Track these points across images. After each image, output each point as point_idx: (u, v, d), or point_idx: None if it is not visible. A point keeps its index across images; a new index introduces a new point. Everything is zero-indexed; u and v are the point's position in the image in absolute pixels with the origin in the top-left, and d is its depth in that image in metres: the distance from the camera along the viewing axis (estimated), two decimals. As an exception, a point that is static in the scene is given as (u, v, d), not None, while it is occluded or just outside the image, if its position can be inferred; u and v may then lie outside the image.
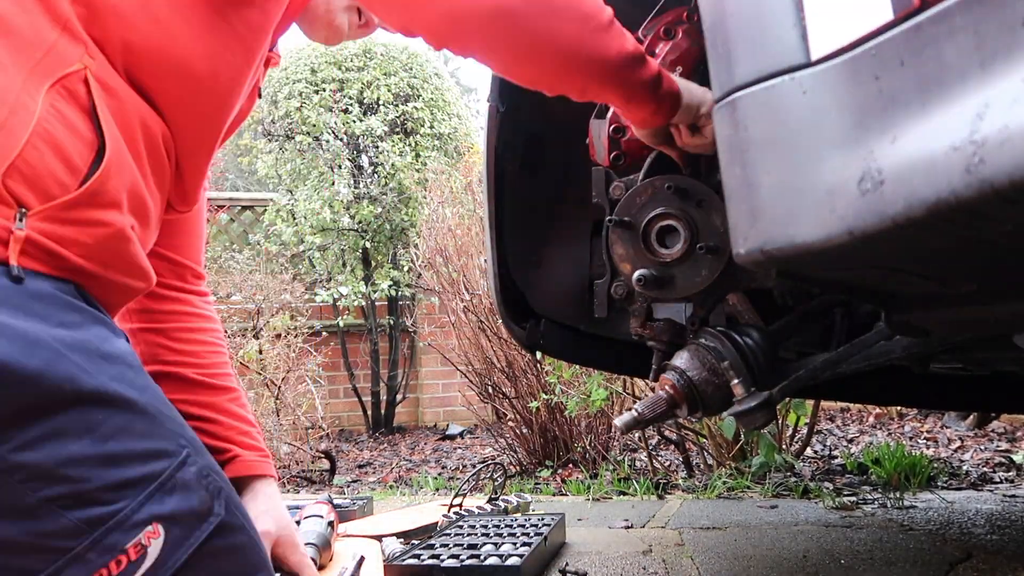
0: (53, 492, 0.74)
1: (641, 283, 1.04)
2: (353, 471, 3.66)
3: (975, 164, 0.49)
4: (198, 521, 0.83)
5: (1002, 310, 0.79)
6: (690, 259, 1.03)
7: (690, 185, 1.04)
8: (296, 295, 4.33)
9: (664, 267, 1.04)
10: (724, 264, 1.01)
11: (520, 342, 1.52)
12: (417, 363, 5.60)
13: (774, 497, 2.27)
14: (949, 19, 0.52)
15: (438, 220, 3.89)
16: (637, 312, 1.12)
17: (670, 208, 1.04)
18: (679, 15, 1.11)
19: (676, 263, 1.03)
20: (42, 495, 0.74)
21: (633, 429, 1.01)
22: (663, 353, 1.13)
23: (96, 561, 0.75)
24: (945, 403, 1.84)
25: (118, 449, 0.79)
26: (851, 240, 0.59)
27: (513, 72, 0.96)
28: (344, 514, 1.99)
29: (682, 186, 1.03)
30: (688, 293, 1.04)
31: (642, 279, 1.03)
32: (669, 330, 1.12)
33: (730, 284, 1.05)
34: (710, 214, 1.03)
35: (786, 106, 0.64)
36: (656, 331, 1.12)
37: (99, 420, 0.78)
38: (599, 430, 2.94)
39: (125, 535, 0.77)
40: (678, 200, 1.04)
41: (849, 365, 1.01)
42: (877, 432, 3.62)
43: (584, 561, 1.59)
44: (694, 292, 1.04)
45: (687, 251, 1.02)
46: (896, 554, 1.55)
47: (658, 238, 1.05)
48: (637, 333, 1.14)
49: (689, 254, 1.02)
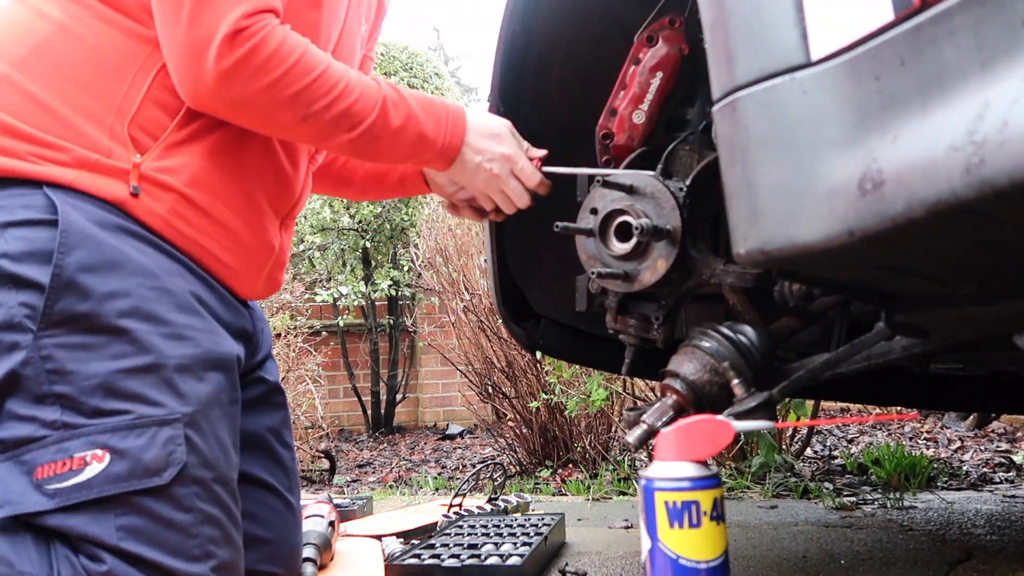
0: (60, 389, 0.91)
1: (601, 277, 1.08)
2: (353, 471, 3.66)
3: (975, 164, 0.49)
4: (140, 472, 0.91)
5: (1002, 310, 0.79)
6: (644, 250, 1.06)
7: (636, 180, 1.07)
8: (296, 295, 4.33)
9: (623, 261, 1.07)
10: (678, 252, 1.04)
11: (520, 342, 1.52)
12: (417, 363, 5.60)
13: (774, 497, 2.27)
14: (949, 19, 0.52)
15: (438, 220, 3.88)
16: (611, 306, 1.16)
17: (621, 204, 1.08)
18: (663, 22, 1.14)
19: (633, 256, 1.06)
20: (53, 388, 0.91)
21: (646, 443, 1.01)
22: (635, 347, 1.17)
23: (52, 455, 0.90)
24: (945, 403, 1.84)
25: (122, 384, 0.92)
26: (851, 240, 0.59)
27: None
28: (344, 514, 1.99)
29: (624, 182, 1.07)
30: (650, 283, 1.07)
31: (602, 274, 1.08)
32: (639, 324, 1.15)
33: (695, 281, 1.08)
34: (660, 205, 1.06)
35: (786, 106, 0.64)
36: (626, 326, 1.15)
37: (125, 355, 0.93)
38: (599, 430, 2.94)
39: (79, 446, 0.91)
40: (626, 195, 1.07)
41: (849, 365, 1.01)
42: (877, 432, 3.62)
43: (584, 561, 1.59)
44: (656, 282, 1.06)
45: (638, 244, 1.05)
46: (896, 554, 1.55)
47: (618, 235, 1.08)
48: (611, 327, 1.17)
49: (641, 246, 1.05)
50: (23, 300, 0.91)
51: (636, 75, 1.14)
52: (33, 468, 0.90)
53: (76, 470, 0.89)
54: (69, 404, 0.91)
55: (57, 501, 0.89)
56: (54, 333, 0.91)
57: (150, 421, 0.92)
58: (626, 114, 1.15)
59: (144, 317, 0.95)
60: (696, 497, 0.82)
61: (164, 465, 0.92)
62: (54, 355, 0.91)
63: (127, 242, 0.97)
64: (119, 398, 0.92)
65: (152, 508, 0.91)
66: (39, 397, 0.91)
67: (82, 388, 0.91)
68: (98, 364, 0.92)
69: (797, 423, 2.04)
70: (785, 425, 2.44)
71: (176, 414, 0.94)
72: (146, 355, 0.94)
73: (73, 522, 0.89)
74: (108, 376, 0.92)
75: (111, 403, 0.92)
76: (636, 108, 1.15)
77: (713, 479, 0.84)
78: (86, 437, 0.90)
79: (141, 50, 1.01)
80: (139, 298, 0.95)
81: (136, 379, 0.93)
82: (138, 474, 0.91)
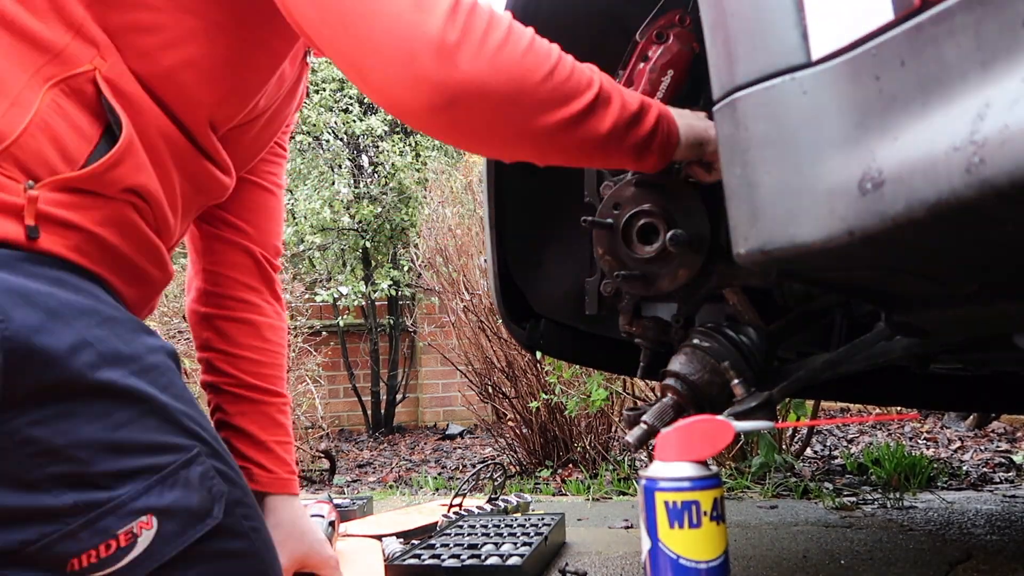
0: (58, 470, 0.78)
1: (621, 280, 1.05)
2: (353, 471, 3.66)
3: (975, 164, 0.49)
4: (194, 520, 0.85)
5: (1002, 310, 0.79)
6: (669, 256, 1.03)
7: (667, 182, 1.04)
8: (296, 295, 4.33)
9: (645, 264, 1.05)
10: (703, 260, 1.02)
11: (520, 342, 1.52)
12: (417, 363, 5.60)
13: (774, 497, 2.27)
14: (950, 19, 0.52)
15: (438, 220, 3.88)
16: (625, 309, 1.13)
17: (649, 206, 1.04)
18: (672, 18, 1.12)
19: (655, 260, 1.04)
20: (47, 471, 0.77)
21: (646, 442, 1.01)
22: (650, 351, 1.14)
23: (87, 541, 0.78)
24: (945, 403, 1.84)
25: (126, 438, 0.82)
26: (851, 240, 0.59)
27: (507, 156, 0.96)
28: (344, 514, 1.99)
29: (658, 183, 1.04)
30: (669, 289, 1.05)
31: (622, 276, 1.05)
32: (656, 328, 1.13)
33: (715, 282, 1.06)
34: (689, 211, 1.03)
35: (786, 106, 0.64)
36: (643, 329, 1.13)
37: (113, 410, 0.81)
38: (599, 430, 2.94)
39: (118, 521, 0.80)
40: (657, 198, 1.04)
41: (849, 365, 1.01)
42: (877, 432, 3.62)
43: (584, 561, 1.59)
44: (675, 289, 1.04)
45: (665, 248, 1.02)
46: (896, 554, 1.55)
47: (640, 236, 1.05)
48: (625, 331, 1.15)
49: (667, 251, 1.03)
50: None
51: (646, 72, 1.11)
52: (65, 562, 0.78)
53: (126, 547, 0.80)
54: (78, 482, 0.79)
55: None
56: (22, 412, 0.76)
57: (176, 467, 0.84)
58: None
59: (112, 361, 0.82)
60: (696, 497, 0.82)
61: (211, 503, 0.87)
62: (33, 436, 0.76)
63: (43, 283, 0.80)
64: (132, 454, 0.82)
65: (216, 548, 0.87)
66: (31, 485, 0.77)
67: (83, 460, 0.79)
68: (90, 428, 0.79)
69: (797, 423, 2.04)
70: (785, 425, 2.44)
71: (194, 449, 0.87)
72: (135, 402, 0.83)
73: None
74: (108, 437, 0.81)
75: (126, 462, 0.81)
76: None
77: (713, 479, 0.84)
78: (123, 508, 0.80)
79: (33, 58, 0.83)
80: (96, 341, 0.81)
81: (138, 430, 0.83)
82: (193, 523, 0.85)
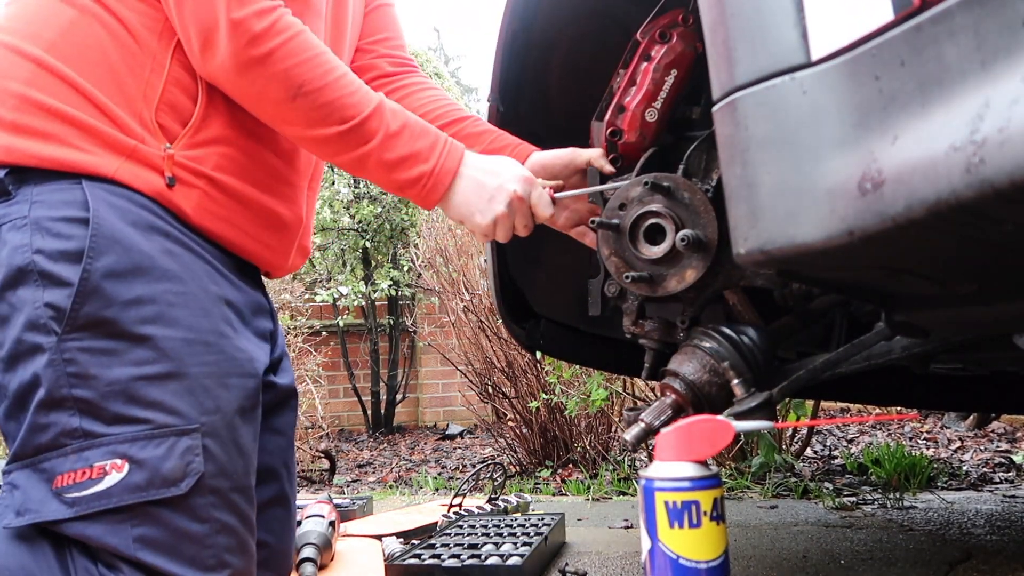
0: (81, 394, 0.91)
1: (629, 281, 1.04)
2: (353, 471, 3.66)
3: (975, 164, 0.49)
4: (158, 481, 0.91)
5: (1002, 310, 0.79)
6: (676, 257, 1.03)
7: (675, 183, 1.04)
8: (296, 294, 4.33)
9: (651, 265, 1.04)
10: (711, 262, 1.02)
11: (520, 342, 1.52)
12: (417, 363, 5.60)
13: (774, 497, 2.27)
14: (949, 19, 0.52)
15: (438, 220, 3.88)
16: (629, 310, 1.13)
17: (656, 207, 1.04)
18: (675, 18, 1.11)
19: (662, 261, 1.03)
20: (74, 392, 0.91)
21: (644, 441, 1.01)
22: (655, 352, 1.13)
23: (72, 463, 0.90)
24: (945, 403, 1.84)
25: (142, 390, 0.92)
26: (851, 240, 0.59)
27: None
28: (344, 514, 1.99)
29: (665, 184, 1.04)
30: (676, 290, 1.04)
31: (630, 277, 1.04)
32: (661, 328, 1.12)
33: (721, 282, 1.05)
34: (697, 212, 1.03)
35: (786, 106, 0.64)
36: (648, 329, 1.13)
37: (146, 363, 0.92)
38: (599, 430, 2.94)
39: (98, 454, 0.90)
40: (664, 198, 1.04)
41: (849, 365, 1.01)
42: (877, 432, 3.62)
43: (584, 561, 1.59)
44: (682, 290, 1.04)
45: (672, 249, 1.02)
46: (896, 554, 1.55)
47: (647, 236, 1.05)
48: (629, 331, 1.14)
49: (675, 252, 1.02)
50: (49, 300, 0.91)
51: (649, 72, 1.11)
52: (53, 476, 0.90)
53: (95, 479, 0.89)
54: (88, 410, 0.90)
55: (76, 510, 0.89)
56: (78, 337, 0.91)
57: (169, 431, 0.92)
58: (638, 112, 1.12)
59: (168, 323, 0.94)
60: (696, 497, 0.82)
61: (182, 475, 0.92)
62: (77, 359, 0.90)
63: (158, 243, 0.97)
64: (139, 405, 0.92)
65: (169, 519, 0.91)
66: (58, 401, 0.90)
67: (103, 393, 0.91)
68: (120, 369, 0.91)
69: (797, 423, 2.04)
70: (785, 425, 2.44)
71: (195, 424, 0.93)
72: (167, 362, 0.93)
73: (91, 531, 0.89)
74: (129, 382, 0.91)
75: (131, 410, 0.91)
76: (649, 106, 1.12)
77: (713, 479, 0.84)
78: (106, 447, 0.90)
79: (154, 31, 1.01)
80: (164, 304, 0.94)
81: (157, 386, 0.93)
82: (156, 484, 0.91)
